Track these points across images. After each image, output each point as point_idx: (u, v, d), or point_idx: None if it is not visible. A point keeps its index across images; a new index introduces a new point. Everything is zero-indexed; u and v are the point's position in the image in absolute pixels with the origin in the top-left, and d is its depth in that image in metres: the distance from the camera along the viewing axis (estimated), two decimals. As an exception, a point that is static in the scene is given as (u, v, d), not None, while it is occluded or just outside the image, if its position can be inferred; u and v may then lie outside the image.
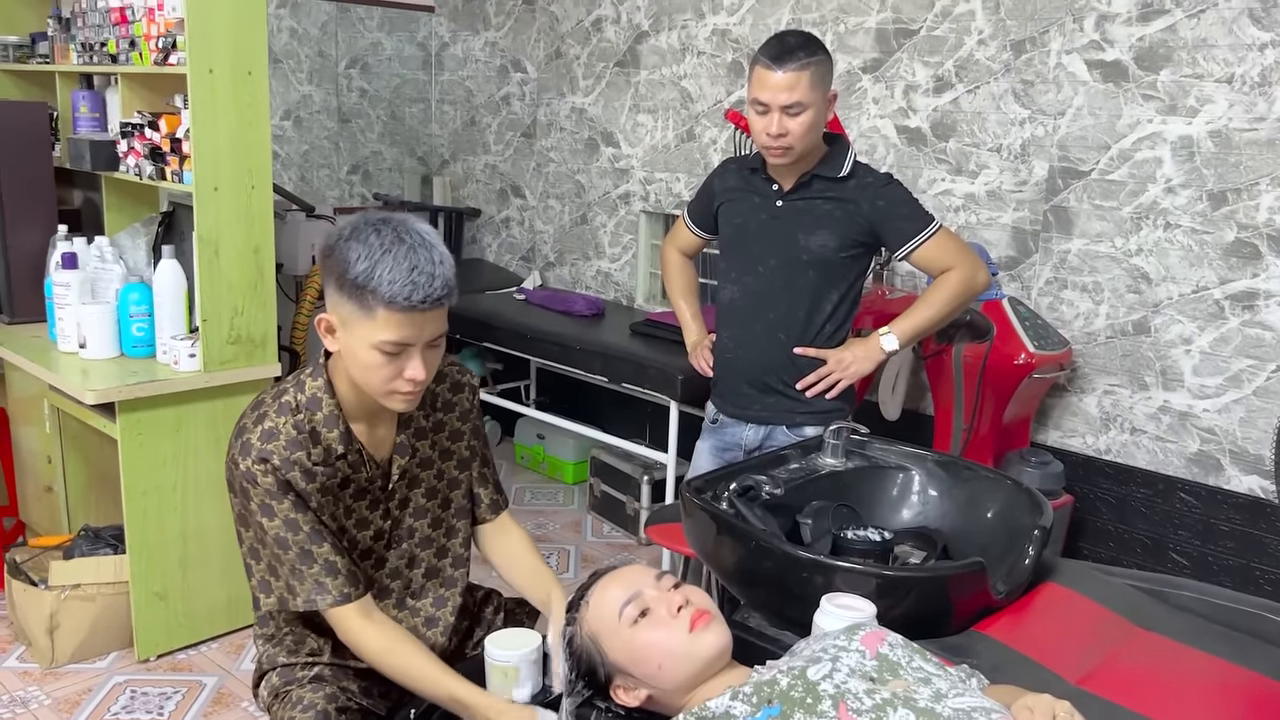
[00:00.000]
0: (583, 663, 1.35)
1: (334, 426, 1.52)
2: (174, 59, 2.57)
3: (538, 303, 4.03)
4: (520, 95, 4.48)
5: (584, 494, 4.02)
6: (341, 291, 1.41)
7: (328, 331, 1.48)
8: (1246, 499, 2.73)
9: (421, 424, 1.63)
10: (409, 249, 1.38)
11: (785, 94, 2.08)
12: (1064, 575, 1.66)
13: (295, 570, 1.49)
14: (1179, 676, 1.42)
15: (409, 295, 1.37)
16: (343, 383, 1.52)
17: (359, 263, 1.37)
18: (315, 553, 1.49)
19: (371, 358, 1.42)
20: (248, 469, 1.47)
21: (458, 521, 1.72)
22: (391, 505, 1.62)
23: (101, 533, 2.84)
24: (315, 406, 1.52)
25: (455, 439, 1.69)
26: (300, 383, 1.54)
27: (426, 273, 1.38)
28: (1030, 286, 3.07)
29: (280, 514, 1.48)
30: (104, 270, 2.82)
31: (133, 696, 2.57)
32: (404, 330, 1.40)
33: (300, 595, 1.50)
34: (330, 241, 1.43)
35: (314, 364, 1.56)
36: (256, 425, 1.50)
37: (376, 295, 1.37)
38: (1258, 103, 2.60)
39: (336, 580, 1.50)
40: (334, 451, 1.52)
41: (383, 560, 1.64)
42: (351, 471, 1.55)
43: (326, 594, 1.49)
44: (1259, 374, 2.68)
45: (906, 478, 1.93)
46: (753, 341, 2.32)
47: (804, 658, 1.18)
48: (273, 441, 1.48)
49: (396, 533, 1.64)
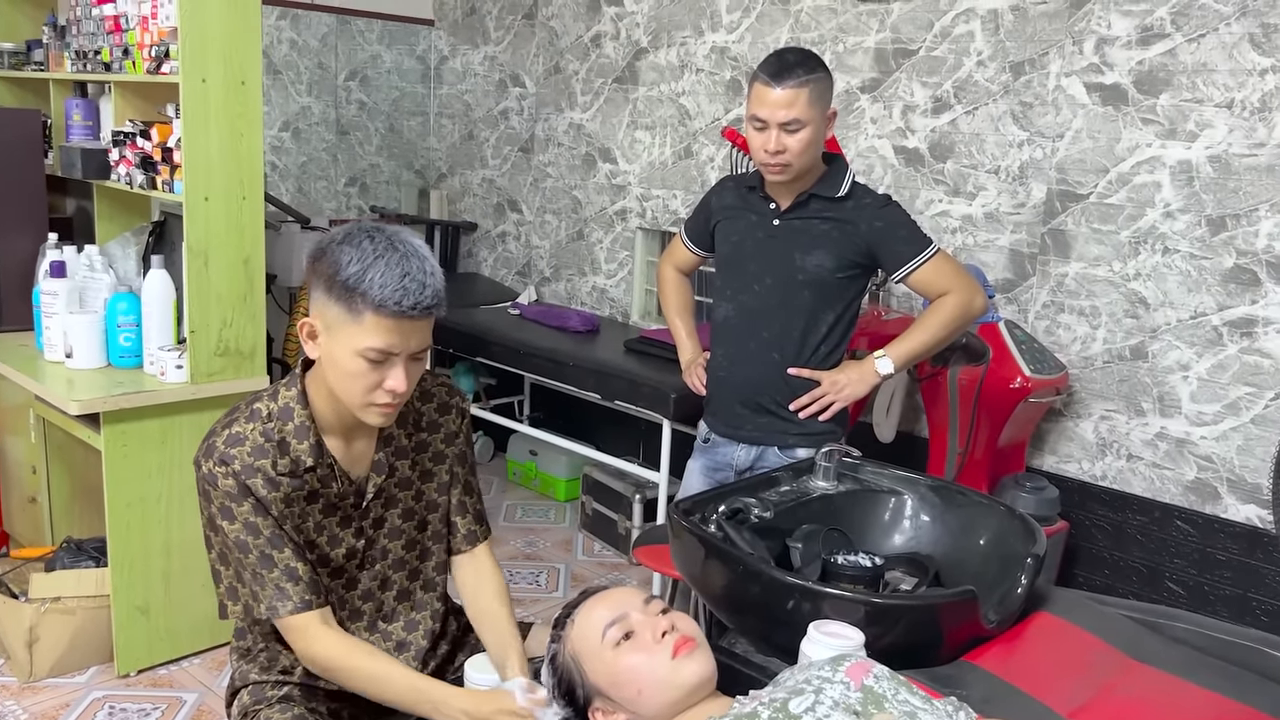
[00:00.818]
0: (563, 682, 1.32)
1: (304, 438, 1.49)
2: (167, 68, 2.55)
3: (532, 318, 4.01)
4: (519, 110, 4.48)
5: (575, 512, 3.98)
6: (330, 294, 1.39)
7: (309, 337, 1.45)
8: (1244, 528, 2.70)
9: (403, 443, 1.60)
10: (402, 256, 1.37)
11: (784, 111, 2.07)
12: (1057, 604, 1.63)
13: (257, 575, 1.46)
14: (1174, 711, 1.39)
15: (399, 300, 1.35)
16: (319, 394, 1.50)
17: (351, 265, 1.36)
18: (276, 558, 1.46)
19: (354, 365, 1.40)
20: (209, 471, 1.45)
21: (434, 545, 1.68)
22: (365, 524, 1.58)
23: (84, 545, 2.80)
24: (287, 416, 1.49)
25: (438, 461, 1.65)
26: (274, 392, 1.52)
27: (418, 280, 1.37)
28: (1027, 310, 3.04)
29: (240, 517, 1.45)
30: (93, 279, 2.79)
31: (111, 712, 2.53)
32: (390, 338, 1.38)
33: (263, 601, 1.46)
34: (321, 245, 1.42)
35: (290, 374, 1.53)
36: (224, 430, 1.48)
37: (366, 299, 1.35)
38: (1258, 128, 2.58)
39: (298, 586, 1.47)
40: (302, 463, 1.49)
41: (355, 581, 1.61)
42: (321, 486, 1.52)
43: (287, 600, 1.46)
44: (1257, 402, 2.66)
45: (899, 502, 1.89)
46: (747, 360, 2.30)
47: (787, 689, 1.14)
48: (237, 446, 1.46)
49: (370, 553, 1.60)
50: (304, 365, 1.52)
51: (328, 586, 1.57)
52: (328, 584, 1.57)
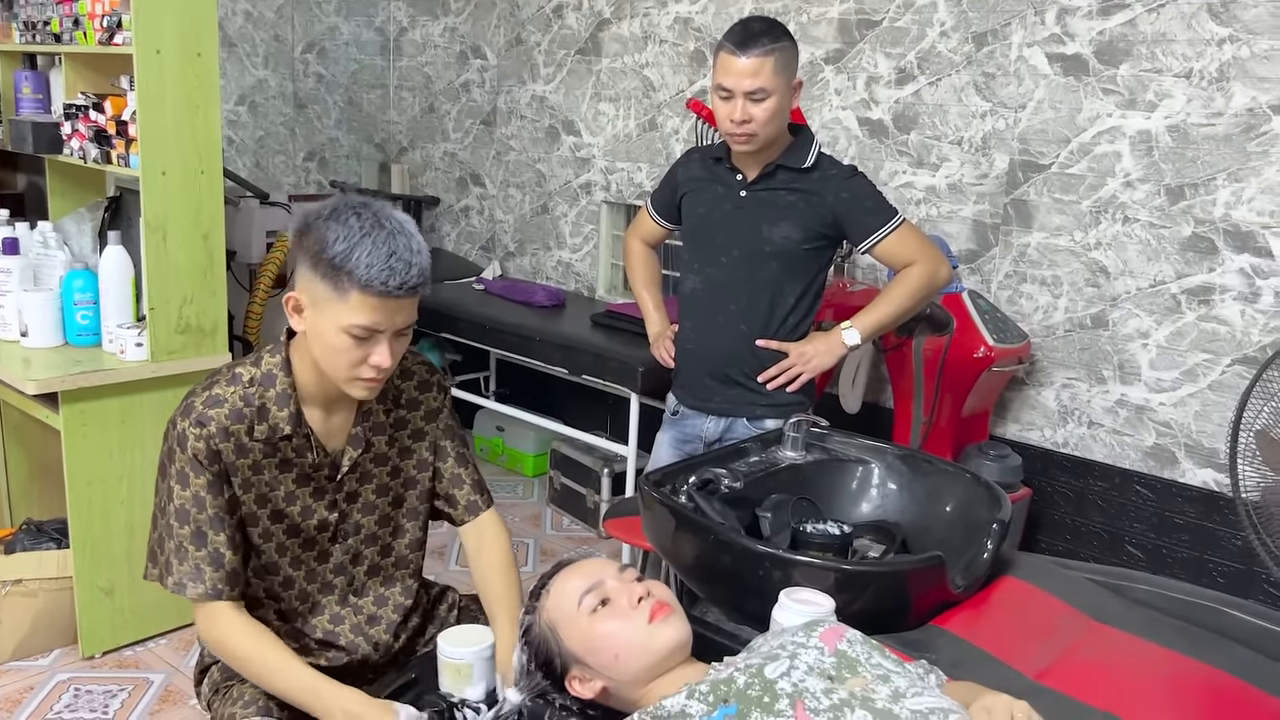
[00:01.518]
0: (539, 652, 1.33)
1: (285, 406, 1.49)
2: (119, 39, 2.49)
3: (497, 293, 3.98)
4: (480, 82, 4.43)
5: (544, 487, 3.98)
6: (316, 271, 1.38)
7: (295, 310, 1.45)
8: (1201, 492, 2.76)
9: (381, 418, 1.60)
10: (389, 234, 1.37)
11: (749, 79, 2.06)
12: (1022, 569, 1.66)
13: (181, 549, 1.45)
14: (1135, 671, 1.42)
15: (386, 280, 1.36)
16: (302, 364, 1.49)
17: (338, 243, 1.36)
18: (209, 538, 1.45)
19: (339, 340, 1.40)
20: (183, 430, 1.45)
21: (407, 522, 1.67)
22: (339, 497, 1.58)
23: (44, 526, 2.76)
24: (269, 383, 1.49)
25: (417, 438, 1.65)
26: (258, 359, 1.52)
27: (404, 259, 1.37)
28: (990, 280, 3.07)
29: (193, 487, 1.45)
30: (47, 256, 2.73)
31: (76, 694, 2.50)
32: (376, 315, 1.38)
33: (172, 575, 1.46)
34: (307, 220, 1.41)
35: (274, 342, 1.53)
36: (204, 391, 1.48)
37: (353, 277, 1.35)
38: (1215, 98, 2.62)
39: (216, 573, 1.46)
40: (280, 431, 1.49)
41: (326, 554, 1.60)
42: (296, 455, 1.52)
43: (200, 583, 1.45)
44: (1214, 368, 2.70)
45: (866, 471, 1.92)
46: (714, 333, 2.30)
47: (762, 655, 1.15)
48: (215, 408, 1.45)
49: (342, 526, 1.60)
50: (288, 333, 1.52)
51: (297, 557, 1.57)
52: (298, 554, 1.57)
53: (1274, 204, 2.56)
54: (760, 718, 1.05)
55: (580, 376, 3.39)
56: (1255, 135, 2.57)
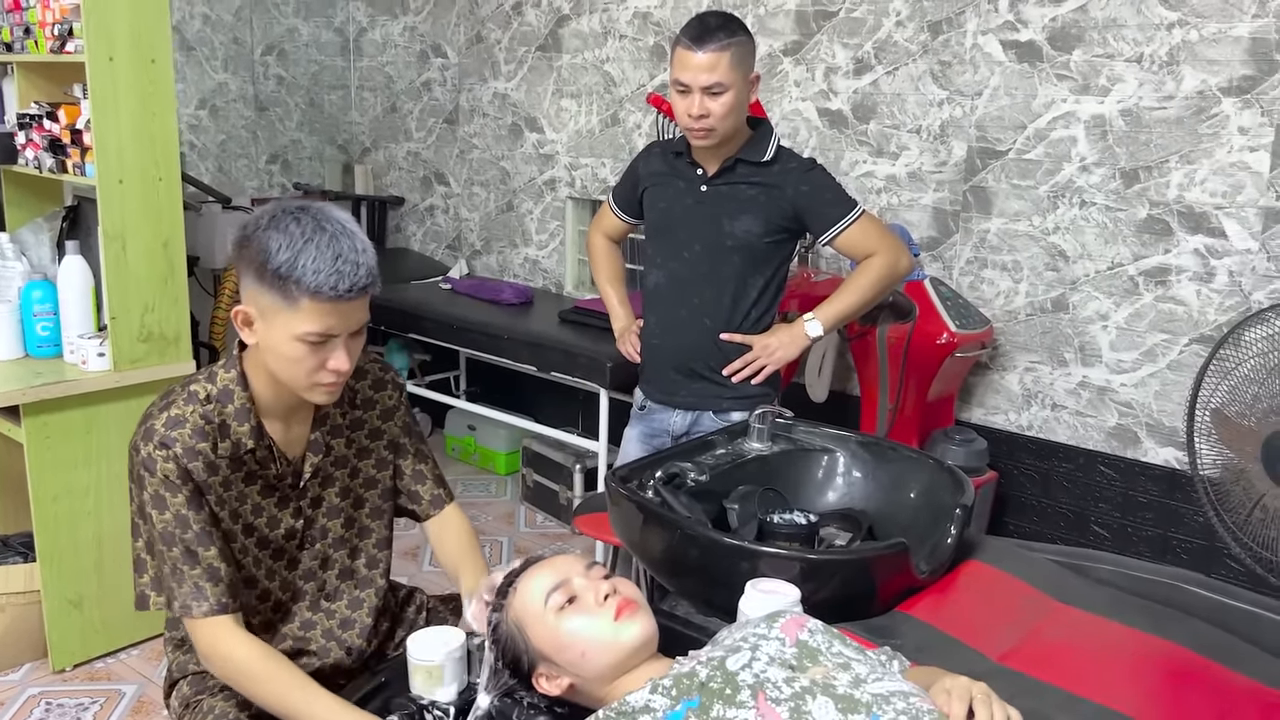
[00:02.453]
0: (506, 650, 1.33)
1: (245, 420, 1.47)
2: (71, 46, 2.46)
3: (464, 292, 3.97)
4: (441, 81, 4.41)
5: (517, 485, 3.98)
6: (262, 282, 1.36)
7: (244, 324, 1.43)
8: (1163, 470, 2.80)
9: (338, 421, 1.59)
10: (331, 237, 1.35)
11: (706, 74, 2.07)
12: (986, 553, 1.68)
13: (176, 570, 1.43)
14: (1098, 649, 1.45)
15: (335, 285, 1.33)
16: (258, 377, 1.48)
17: (280, 253, 1.33)
18: (200, 555, 1.43)
19: (294, 350, 1.38)
20: (148, 455, 1.42)
21: (372, 522, 1.67)
22: (304, 504, 1.58)
23: (10, 540, 2.74)
24: (226, 399, 1.47)
25: (375, 437, 1.65)
26: (212, 374, 1.49)
27: (351, 261, 1.35)
28: (951, 266, 3.10)
29: (172, 508, 1.43)
30: (4, 268, 2.70)
31: (48, 709, 2.49)
32: (328, 320, 1.36)
33: (177, 600, 1.43)
34: (246, 231, 1.38)
35: (227, 356, 1.51)
36: (162, 412, 1.45)
37: (301, 285, 1.33)
38: (1166, 82, 2.65)
39: (217, 588, 1.44)
40: (243, 446, 1.47)
41: (295, 561, 1.60)
42: (259, 467, 1.51)
43: (203, 600, 1.43)
44: (1172, 348, 2.75)
45: (831, 460, 1.93)
46: (678, 327, 2.31)
47: (724, 647, 1.17)
48: (177, 429, 1.43)
49: (309, 532, 1.60)
50: (240, 346, 1.50)
51: (270, 568, 1.56)
52: (270, 565, 1.56)
53: (1225, 185, 2.60)
54: (722, 709, 1.06)
55: (549, 373, 3.40)
56: (1206, 117, 2.61)
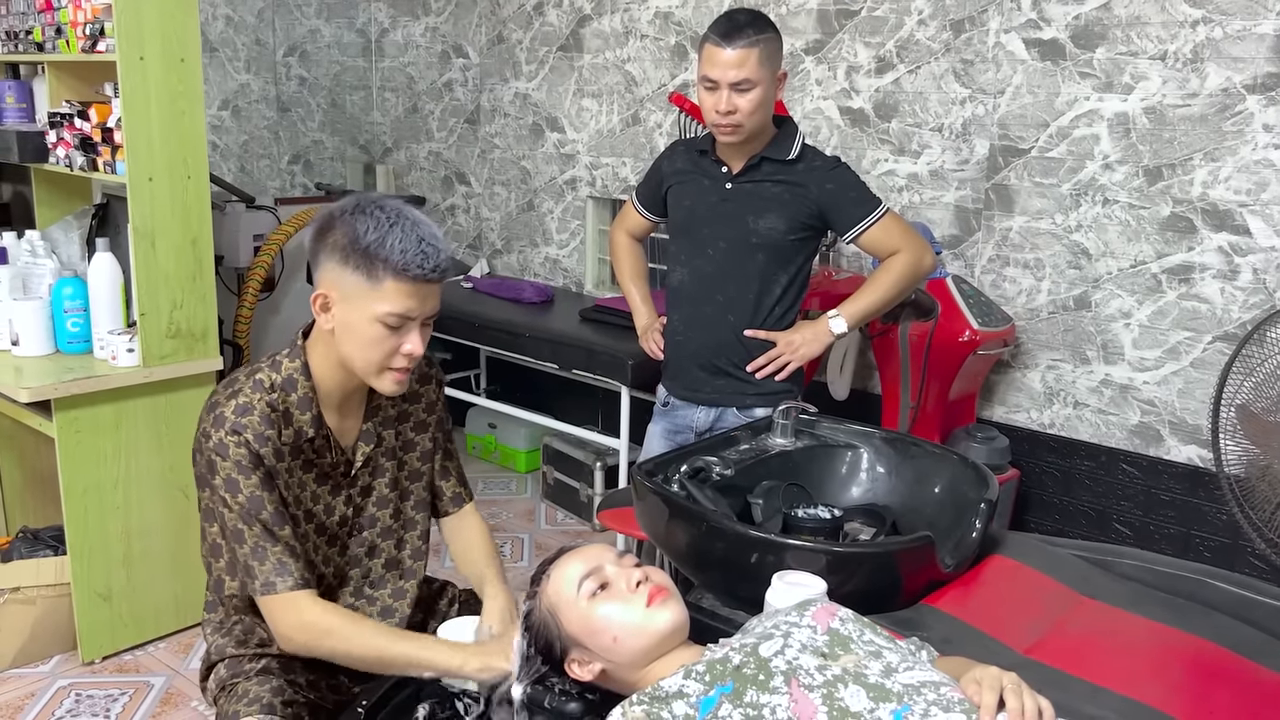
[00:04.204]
0: (539, 636, 1.35)
1: (307, 409, 1.52)
2: (102, 46, 2.50)
3: (486, 291, 4.00)
4: (463, 81, 4.44)
5: (537, 482, 4.00)
6: (347, 263, 1.42)
7: (323, 309, 1.48)
8: (1186, 468, 2.79)
9: (389, 413, 1.64)
10: (414, 224, 1.43)
11: (734, 71, 2.09)
12: (1010, 547, 1.69)
13: (258, 549, 1.46)
14: (1122, 642, 1.45)
15: (421, 264, 1.41)
16: (321, 366, 1.52)
17: (369, 234, 1.41)
18: (278, 533, 1.47)
19: (372, 331, 1.44)
20: (220, 440, 1.46)
21: (416, 514, 1.71)
22: (354, 492, 1.61)
23: (41, 534, 2.77)
24: (290, 388, 1.51)
25: (419, 430, 1.70)
26: (275, 363, 1.53)
27: (433, 245, 1.43)
28: (973, 264, 3.10)
29: (246, 490, 1.46)
30: (35, 265, 2.74)
31: (78, 700, 2.52)
32: (409, 302, 1.43)
33: (259, 577, 1.47)
34: (330, 217, 1.46)
35: (290, 345, 1.55)
36: (230, 400, 1.49)
37: (388, 264, 1.40)
38: (1190, 79, 2.65)
39: (298, 564, 1.48)
40: (304, 434, 1.52)
41: (345, 547, 1.64)
42: (316, 455, 1.55)
43: (288, 575, 1.46)
44: (1196, 346, 2.74)
45: (855, 456, 1.94)
46: (702, 324, 2.32)
47: (756, 635, 1.18)
48: (246, 416, 1.47)
49: (358, 520, 1.64)
50: (304, 334, 1.54)
51: (326, 554, 1.61)
52: (326, 551, 1.60)
53: (1250, 182, 2.60)
54: (756, 695, 1.08)
55: (570, 371, 3.41)
56: (1230, 115, 2.60)
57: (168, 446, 2.69)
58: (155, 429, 2.67)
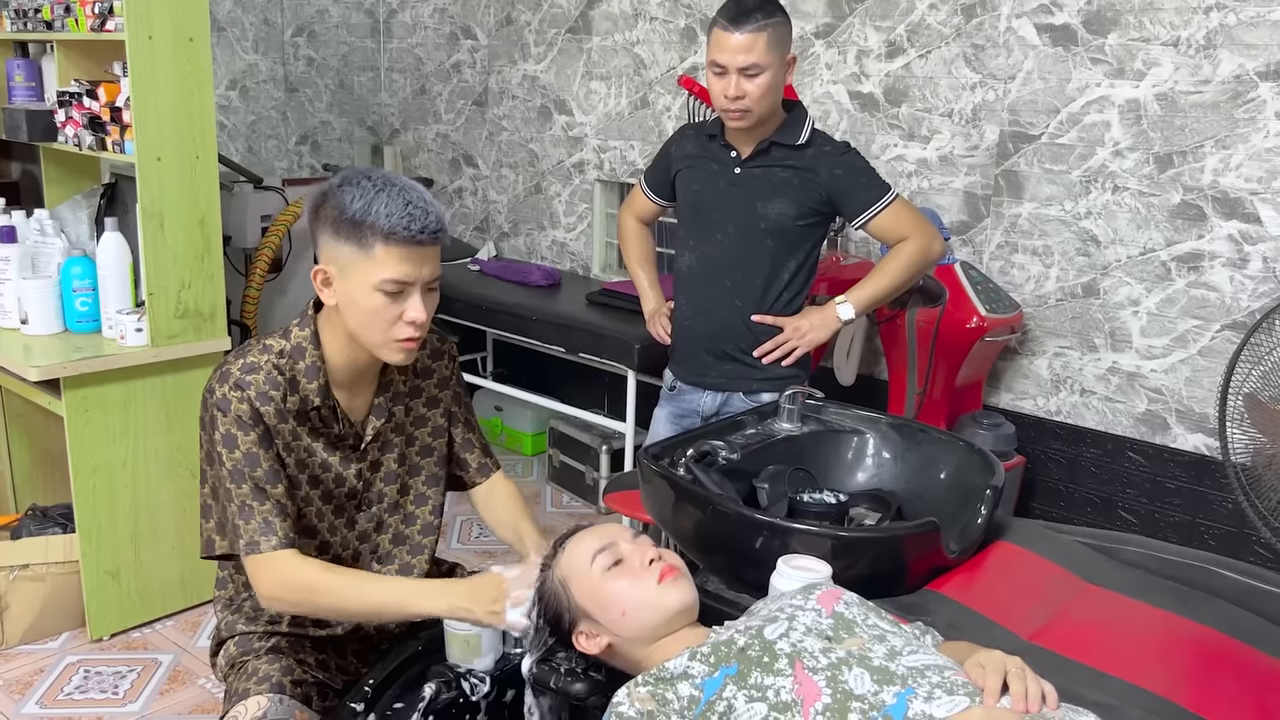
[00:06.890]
0: (549, 606, 1.36)
1: (314, 378, 1.52)
2: (111, 25, 2.50)
3: (493, 274, 4.00)
4: (471, 63, 4.42)
5: (543, 465, 4.01)
6: (338, 235, 1.43)
7: (324, 284, 1.48)
8: (1192, 457, 2.79)
9: (400, 388, 1.64)
10: (401, 189, 1.43)
11: (743, 55, 2.07)
12: (1015, 534, 1.69)
13: (245, 507, 1.46)
14: (1127, 629, 1.46)
15: (407, 225, 1.41)
16: (331, 339, 1.52)
17: (355, 202, 1.41)
18: (269, 491, 1.47)
19: (372, 300, 1.43)
20: (223, 395, 1.46)
21: (428, 489, 1.71)
22: (363, 466, 1.62)
23: (50, 512, 2.79)
24: (299, 355, 1.52)
25: (431, 405, 1.69)
26: (286, 331, 1.54)
27: (421, 207, 1.43)
28: (982, 251, 3.10)
29: (243, 446, 1.46)
30: (44, 244, 2.75)
31: (86, 676, 2.54)
32: (404, 266, 1.42)
33: (243, 538, 1.46)
34: (321, 192, 1.46)
35: (301, 315, 1.55)
36: (238, 359, 1.50)
37: (375, 229, 1.40)
38: (1202, 65, 2.63)
39: (285, 523, 1.48)
40: (310, 402, 1.52)
41: (353, 521, 1.64)
42: (323, 425, 1.55)
43: (272, 534, 1.46)
44: (1204, 334, 2.73)
45: (861, 441, 1.94)
46: (710, 309, 2.32)
47: (761, 617, 1.19)
48: (252, 375, 1.48)
49: (367, 494, 1.64)
50: (315, 305, 1.55)
51: (332, 524, 1.61)
52: (332, 520, 1.61)
53: (1261, 170, 2.58)
54: (760, 677, 1.08)
55: (577, 355, 3.42)
56: (1242, 102, 2.59)
57: (176, 426, 2.70)
58: (163, 408, 2.68)
